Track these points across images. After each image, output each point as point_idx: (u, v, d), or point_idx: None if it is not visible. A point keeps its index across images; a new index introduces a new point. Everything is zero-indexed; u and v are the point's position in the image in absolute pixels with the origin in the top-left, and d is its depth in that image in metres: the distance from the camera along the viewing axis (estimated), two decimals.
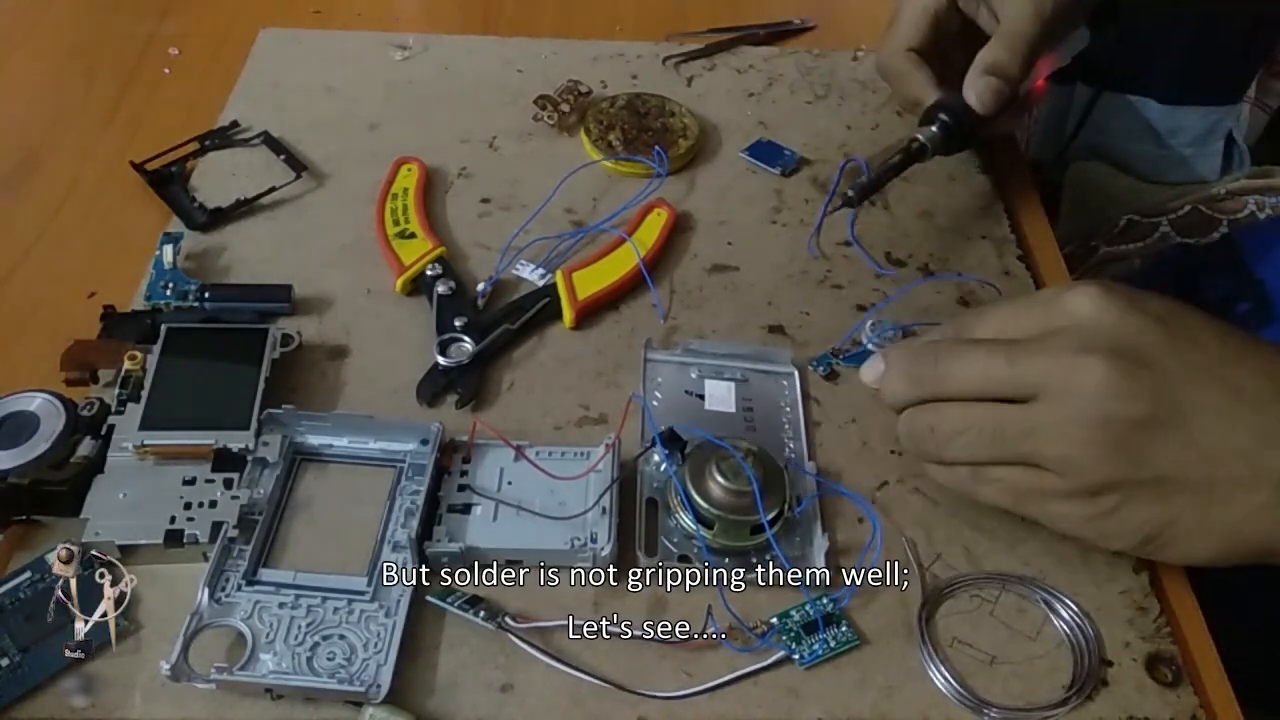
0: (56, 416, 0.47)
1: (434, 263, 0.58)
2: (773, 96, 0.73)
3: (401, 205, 0.62)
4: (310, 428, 0.50)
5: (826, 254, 0.62)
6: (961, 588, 0.47)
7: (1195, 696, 0.44)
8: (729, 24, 0.79)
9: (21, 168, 0.66)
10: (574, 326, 0.57)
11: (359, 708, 0.41)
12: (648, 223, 0.62)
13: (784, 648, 0.44)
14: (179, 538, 0.45)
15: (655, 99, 0.70)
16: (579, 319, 0.57)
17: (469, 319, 0.55)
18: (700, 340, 0.56)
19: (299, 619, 0.44)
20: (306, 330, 0.55)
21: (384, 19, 0.80)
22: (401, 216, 0.61)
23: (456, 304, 0.56)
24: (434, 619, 0.45)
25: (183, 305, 0.55)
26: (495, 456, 0.50)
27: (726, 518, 0.46)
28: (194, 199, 0.62)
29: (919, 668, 0.44)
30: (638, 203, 0.63)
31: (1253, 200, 0.87)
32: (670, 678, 0.44)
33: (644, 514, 0.48)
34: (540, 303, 0.57)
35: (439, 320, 0.55)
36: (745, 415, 0.53)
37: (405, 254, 0.59)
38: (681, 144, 0.67)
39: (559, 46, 0.76)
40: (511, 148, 0.68)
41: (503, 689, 0.43)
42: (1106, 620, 0.46)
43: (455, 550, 0.45)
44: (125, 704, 0.42)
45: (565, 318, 0.57)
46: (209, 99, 0.70)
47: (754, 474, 0.45)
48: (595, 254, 0.60)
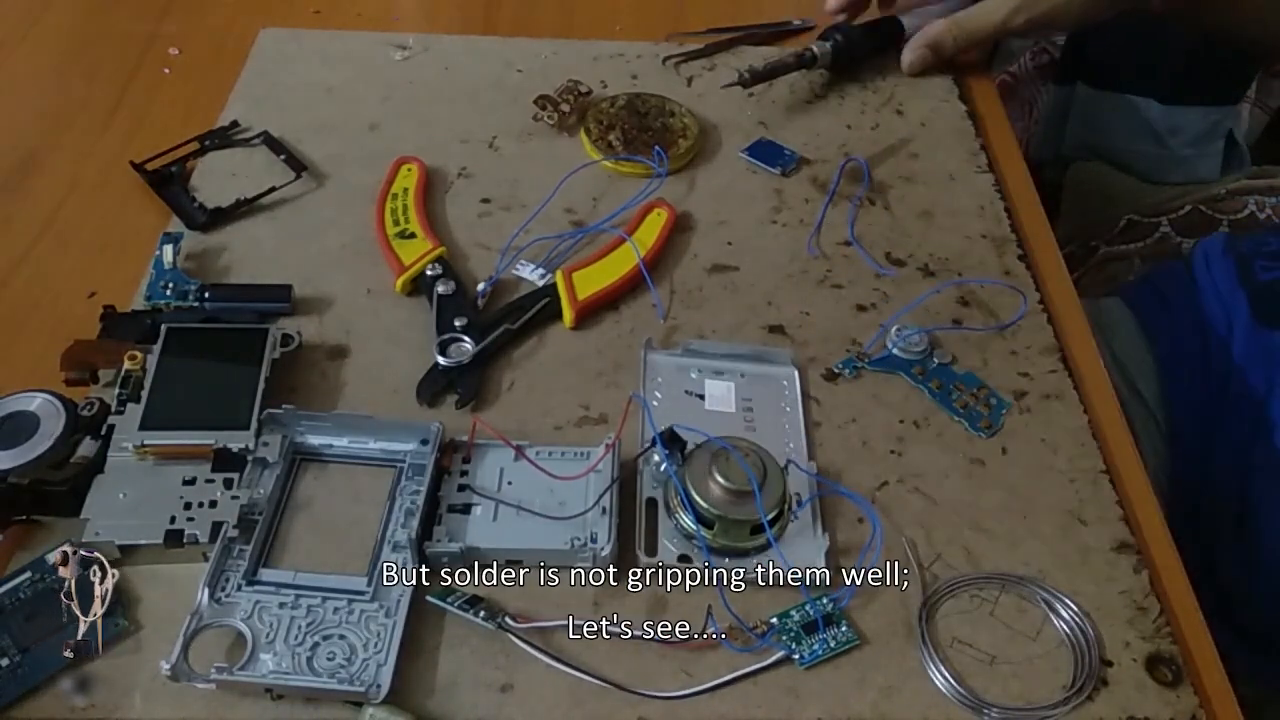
0: (56, 416, 0.47)
1: (434, 263, 0.58)
2: (773, 96, 0.73)
3: (401, 205, 0.62)
4: (310, 428, 0.50)
5: (826, 254, 0.62)
6: (961, 588, 0.47)
7: (1195, 696, 0.44)
8: (729, 24, 0.78)
9: (21, 168, 0.66)
10: (574, 326, 0.57)
11: (359, 708, 0.41)
12: (648, 222, 0.62)
13: (784, 648, 0.44)
14: (179, 538, 0.45)
15: (655, 99, 0.70)
16: (579, 319, 0.57)
17: (469, 319, 0.55)
18: (700, 340, 0.56)
19: (299, 619, 0.44)
20: (306, 330, 0.55)
21: (384, 19, 0.80)
22: (401, 216, 0.61)
23: (456, 304, 0.56)
24: (434, 619, 0.45)
25: (183, 305, 0.55)
26: (495, 456, 0.50)
27: (727, 518, 0.46)
28: (194, 199, 0.62)
29: (919, 668, 0.44)
30: (638, 202, 0.63)
31: (1253, 200, 0.88)
32: (670, 678, 0.44)
33: (644, 514, 0.48)
34: (540, 303, 0.57)
35: (439, 320, 0.55)
36: (745, 415, 0.53)
37: (405, 254, 0.59)
38: (681, 144, 0.67)
39: (559, 46, 0.76)
40: (511, 148, 0.68)
41: (503, 689, 0.43)
42: (1106, 620, 0.46)
43: (455, 550, 0.45)
44: (125, 704, 0.42)
45: (565, 318, 0.57)
46: (209, 99, 0.70)
47: (754, 474, 0.46)
48: (595, 254, 0.60)
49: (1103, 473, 0.52)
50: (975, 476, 0.51)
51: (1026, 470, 0.52)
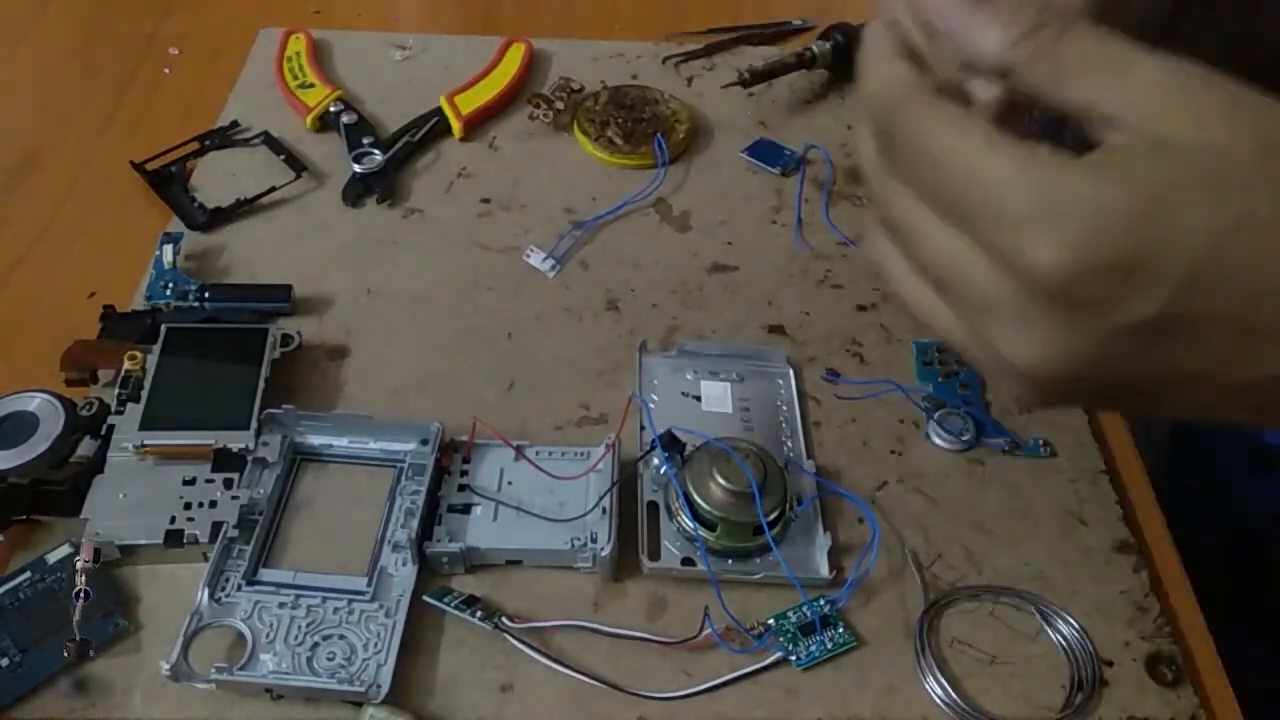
0: (56, 416, 0.47)
1: (335, 102, 0.68)
2: (773, 96, 0.73)
3: (297, 65, 0.71)
4: (310, 428, 0.50)
5: (826, 254, 0.62)
6: (957, 599, 0.47)
7: (1195, 696, 0.44)
8: (729, 24, 0.78)
9: (21, 168, 0.66)
10: (463, 138, 0.68)
11: (359, 708, 0.41)
12: (509, 56, 0.73)
13: (780, 649, 0.44)
14: (179, 538, 0.45)
15: (635, 90, 0.71)
16: (466, 130, 0.68)
17: (374, 139, 0.66)
18: (695, 341, 0.56)
19: (299, 619, 0.44)
20: (306, 330, 0.55)
21: (384, 19, 0.80)
22: (299, 72, 0.71)
23: (361, 130, 0.67)
24: (434, 619, 0.45)
25: (183, 305, 0.55)
26: (495, 456, 0.50)
27: (728, 519, 0.45)
28: (194, 199, 0.62)
29: (918, 669, 0.44)
30: (642, 197, 0.64)
31: None
32: (670, 678, 0.44)
33: (645, 518, 0.48)
34: (432, 121, 0.68)
35: (349, 141, 0.66)
36: (743, 416, 0.53)
37: (308, 99, 0.68)
38: (679, 129, 0.68)
39: (558, 46, 0.76)
40: (511, 147, 0.68)
41: (502, 689, 0.43)
42: (1106, 620, 0.46)
43: (455, 550, 0.45)
44: (125, 704, 0.42)
45: (454, 130, 0.68)
46: (209, 99, 0.70)
47: (754, 475, 0.45)
48: (472, 79, 0.71)
49: (1102, 473, 0.52)
50: (975, 476, 0.51)
51: (1026, 470, 0.52)
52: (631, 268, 0.61)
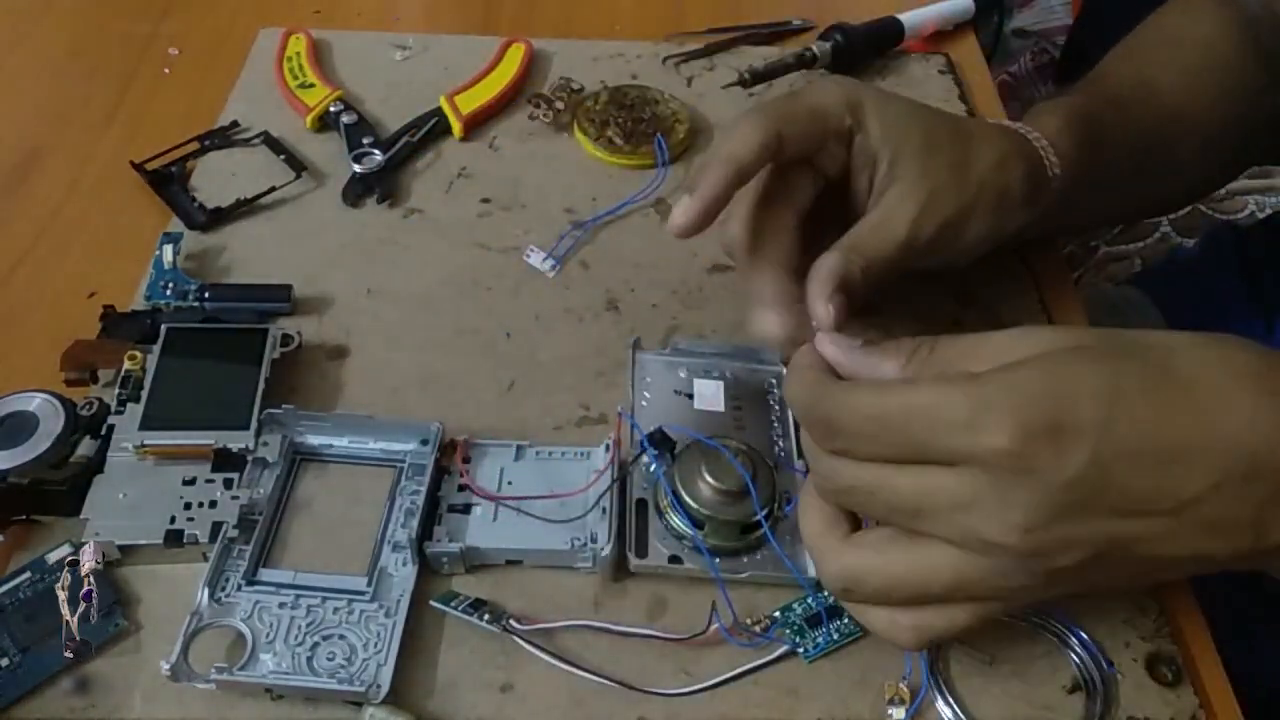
0: (56, 416, 0.47)
1: (335, 102, 0.68)
2: (773, 97, 0.73)
3: (297, 65, 0.71)
4: (310, 428, 0.50)
5: None
6: None
7: (1195, 696, 0.44)
8: (729, 24, 0.78)
9: (21, 168, 0.66)
10: (463, 138, 0.67)
11: (359, 708, 0.41)
12: (508, 56, 0.73)
13: (788, 642, 0.44)
14: (179, 538, 0.45)
15: (635, 90, 0.71)
16: (467, 130, 0.68)
17: (374, 139, 0.66)
18: (688, 339, 0.56)
19: (299, 619, 0.44)
20: (306, 330, 0.55)
21: (384, 19, 0.80)
22: (299, 72, 0.70)
23: (361, 130, 0.67)
24: (434, 619, 0.45)
25: (183, 305, 0.55)
26: (495, 456, 0.50)
27: (717, 518, 0.45)
28: (194, 199, 0.62)
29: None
30: (642, 197, 0.64)
31: (1253, 200, 0.88)
32: (670, 676, 0.44)
33: (634, 516, 0.48)
34: (431, 121, 0.68)
35: (349, 141, 0.66)
36: (734, 414, 0.53)
37: (308, 99, 0.68)
38: (679, 129, 0.68)
39: (559, 46, 0.76)
40: (511, 147, 0.68)
41: (503, 689, 0.43)
42: (1106, 620, 0.46)
43: (455, 550, 0.45)
44: (125, 704, 0.42)
45: (455, 130, 0.68)
46: (209, 99, 0.70)
47: (747, 473, 0.45)
48: (472, 79, 0.70)
49: None
50: None
51: None
52: (631, 268, 0.61)
